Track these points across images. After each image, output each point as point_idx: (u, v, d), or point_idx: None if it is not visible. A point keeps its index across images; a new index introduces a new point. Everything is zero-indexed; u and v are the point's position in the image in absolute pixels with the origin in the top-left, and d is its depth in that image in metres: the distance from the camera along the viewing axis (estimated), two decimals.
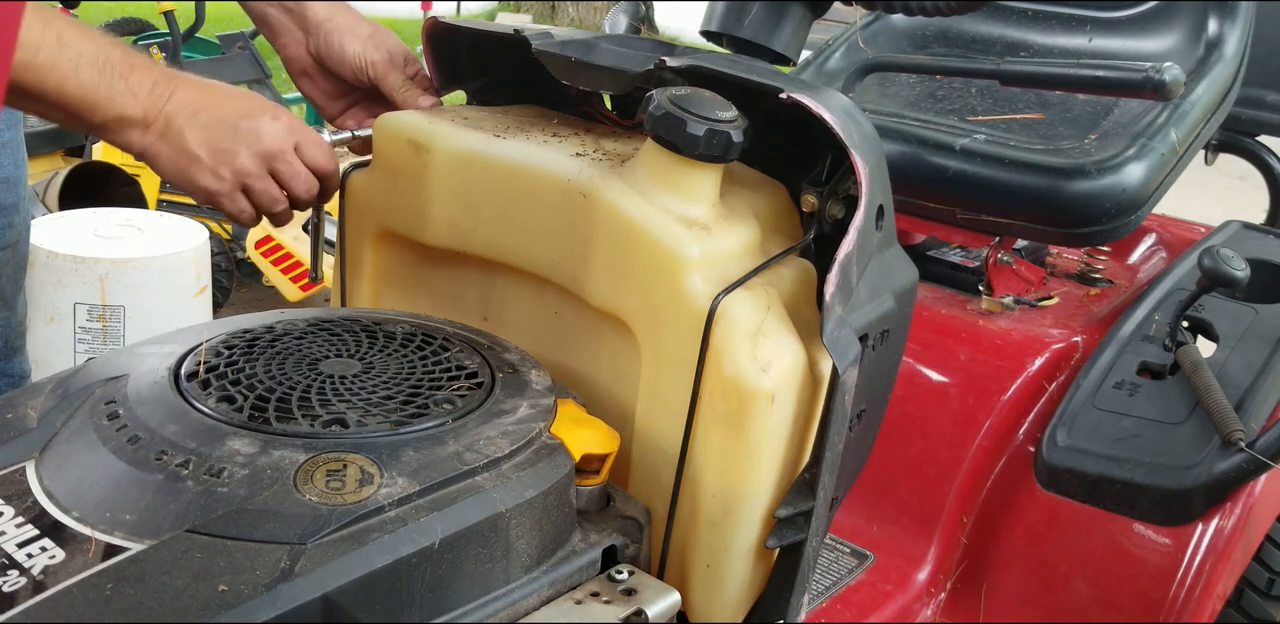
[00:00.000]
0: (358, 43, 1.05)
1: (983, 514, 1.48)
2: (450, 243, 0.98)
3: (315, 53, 1.06)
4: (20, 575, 0.65)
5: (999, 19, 1.85)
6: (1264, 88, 1.98)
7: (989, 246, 1.61)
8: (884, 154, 0.88)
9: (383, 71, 1.05)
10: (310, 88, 1.09)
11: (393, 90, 1.05)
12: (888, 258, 0.92)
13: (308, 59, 1.07)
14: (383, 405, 0.78)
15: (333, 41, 1.05)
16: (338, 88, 1.09)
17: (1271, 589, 1.57)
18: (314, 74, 1.08)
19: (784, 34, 1.00)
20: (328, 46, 1.05)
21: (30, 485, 0.72)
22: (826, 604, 1.39)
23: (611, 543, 0.81)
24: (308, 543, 0.66)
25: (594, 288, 0.89)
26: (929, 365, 1.54)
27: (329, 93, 1.09)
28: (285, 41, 1.07)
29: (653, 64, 0.88)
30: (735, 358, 0.80)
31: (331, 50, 1.05)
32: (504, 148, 0.93)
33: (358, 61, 1.05)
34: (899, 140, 1.53)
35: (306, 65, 1.08)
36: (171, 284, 2.44)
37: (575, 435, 0.81)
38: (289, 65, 1.08)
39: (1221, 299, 1.62)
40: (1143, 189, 1.46)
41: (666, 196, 0.84)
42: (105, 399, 0.77)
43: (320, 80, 1.09)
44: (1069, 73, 1.22)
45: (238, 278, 3.47)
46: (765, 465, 0.84)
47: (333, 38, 1.05)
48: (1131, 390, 1.45)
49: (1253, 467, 1.29)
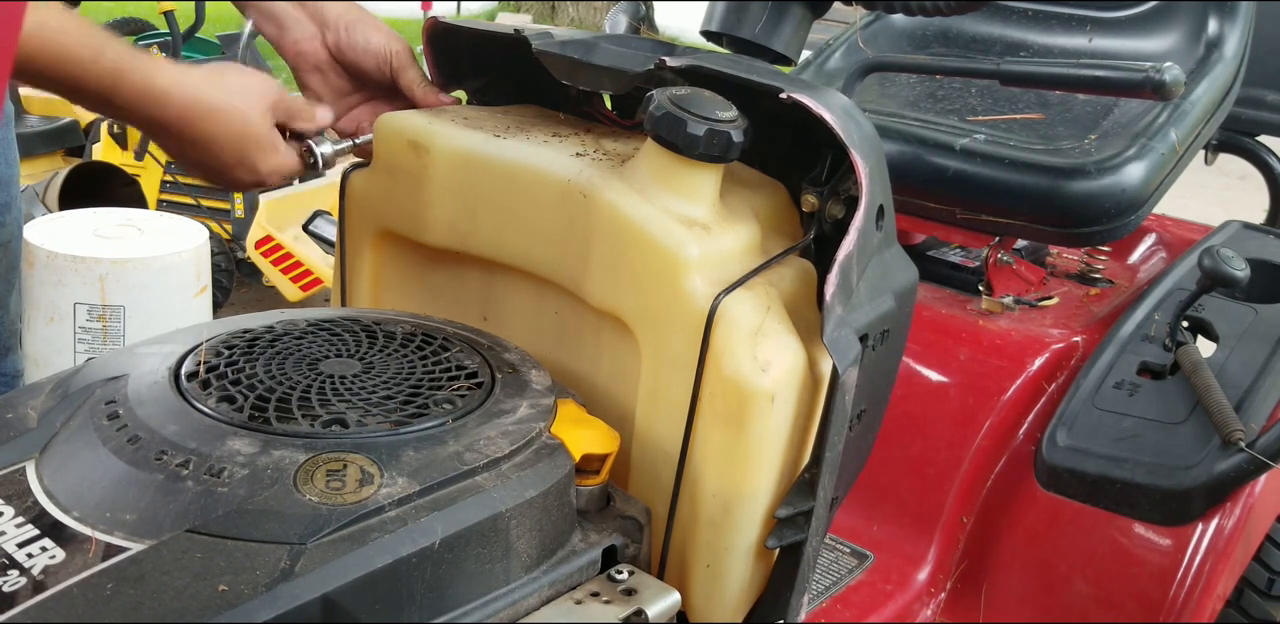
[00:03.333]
0: (380, 34, 1.06)
1: (983, 514, 1.48)
2: (450, 243, 0.98)
3: (335, 45, 1.06)
4: (20, 575, 0.65)
5: (999, 19, 1.85)
6: (1264, 88, 1.98)
7: (989, 246, 1.61)
8: (884, 154, 0.88)
9: (406, 62, 1.06)
10: (320, 84, 1.09)
11: (413, 83, 1.06)
12: (888, 258, 0.92)
13: (323, 53, 1.07)
14: (383, 405, 0.78)
15: (355, 31, 1.05)
16: (347, 85, 1.09)
17: (1271, 589, 1.57)
18: (327, 69, 1.08)
19: (784, 34, 1.00)
20: (350, 37, 1.05)
21: (30, 485, 0.72)
22: (826, 604, 1.39)
23: (611, 543, 0.81)
24: (308, 543, 0.66)
25: (594, 288, 0.89)
26: (929, 365, 1.54)
27: (338, 90, 1.09)
28: (297, 37, 1.06)
29: (653, 64, 0.88)
30: (735, 358, 0.80)
31: (355, 40, 1.05)
32: (504, 148, 0.93)
33: (383, 51, 1.05)
34: (899, 140, 1.53)
35: (320, 60, 1.07)
36: (171, 284, 2.44)
37: (575, 435, 0.81)
38: (299, 61, 1.08)
39: (1221, 299, 1.62)
40: (1143, 189, 1.46)
41: (666, 196, 0.84)
42: (105, 399, 0.77)
43: (332, 76, 1.08)
44: (1069, 73, 1.22)
45: (238, 278, 3.47)
46: (765, 465, 0.84)
47: (356, 28, 1.05)
48: (1131, 390, 1.45)
49: (1253, 467, 1.29)
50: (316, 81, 1.08)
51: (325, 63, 1.07)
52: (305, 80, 1.08)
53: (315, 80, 1.08)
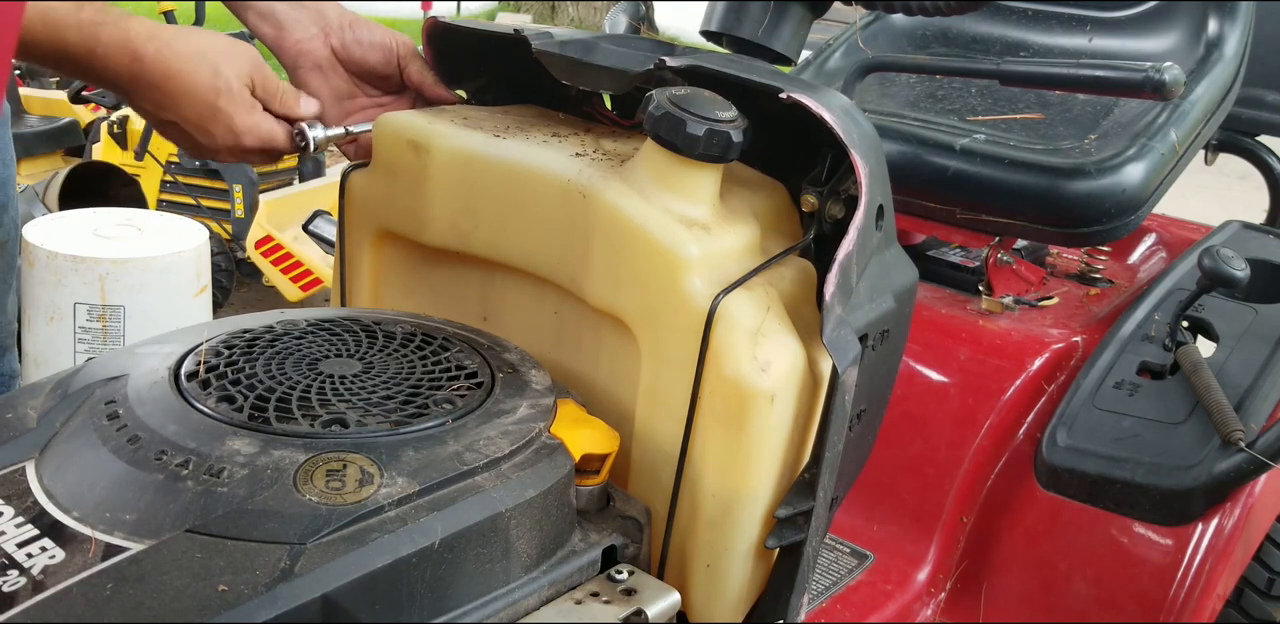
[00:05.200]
0: (383, 30, 1.07)
1: (983, 514, 1.48)
2: (450, 243, 0.98)
3: (340, 44, 1.06)
4: (20, 575, 0.65)
5: (999, 19, 1.85)
6: (1264, 88, 1.98)
7: (989, 246, 1.62)
8: (884, 154, 0.88)
9: (412, 54, 1.07)
10: (321, 85, 1.08)
11: (422, 74, 1.07)
12: (888, 258, 0.92)
13: (324, 52, 1.06)
14: (383, 405, 0.78)
15: (360, 29, 1.06)
16: (348, 87, 1.09)
17: (1271, 589, 1.58)
18: (328, 70, 1.07)
19: (784, 34, 1.00)
20: (355, 34, 1.06)
21: (30, 485, 0.72)
22: (826, 604, 1.39)
23: (611, 543, 0.81)
24: (308, 543, 0.66)
25: (594, 288, 0.89)
26: (929, 365, 1.54)
27: (339, 91, 1.09)
28: (298, 37, 1.06)
29: (653, 64, 0.88)
30: (735, 358, 0.80)
31: (360, 36, 1.06)
32: (504, 148, 0.93)
33: (390, 44, 1.06)
34: (899, 140, 1.53)
35: (322, 59, 1.07)
36: (171, 284, 2.44)
37: (575, 435, 0.81)
38: (300, 60, 1.07)
39: (1221, 299, 1.62)
40: (1143, 189, 1.47)
41: (666, 196, 0.84)
42: (105, 399, 0.77)
43: (333, 77, 1.08)
44: (1069, 73, 1.22)
45: (238, 278, 3.48)
46: (765, 465, 0.84)
47: (359, 26, 1.06)
48: (1131, 390, 1.45)
49: (1253, 467, 1.29)
50: (317, 82, 1.08)
51: (326, 62, 1.07)
52: (305, 81, 1.08)
53: (316, 81, 1.08)
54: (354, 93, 1.09)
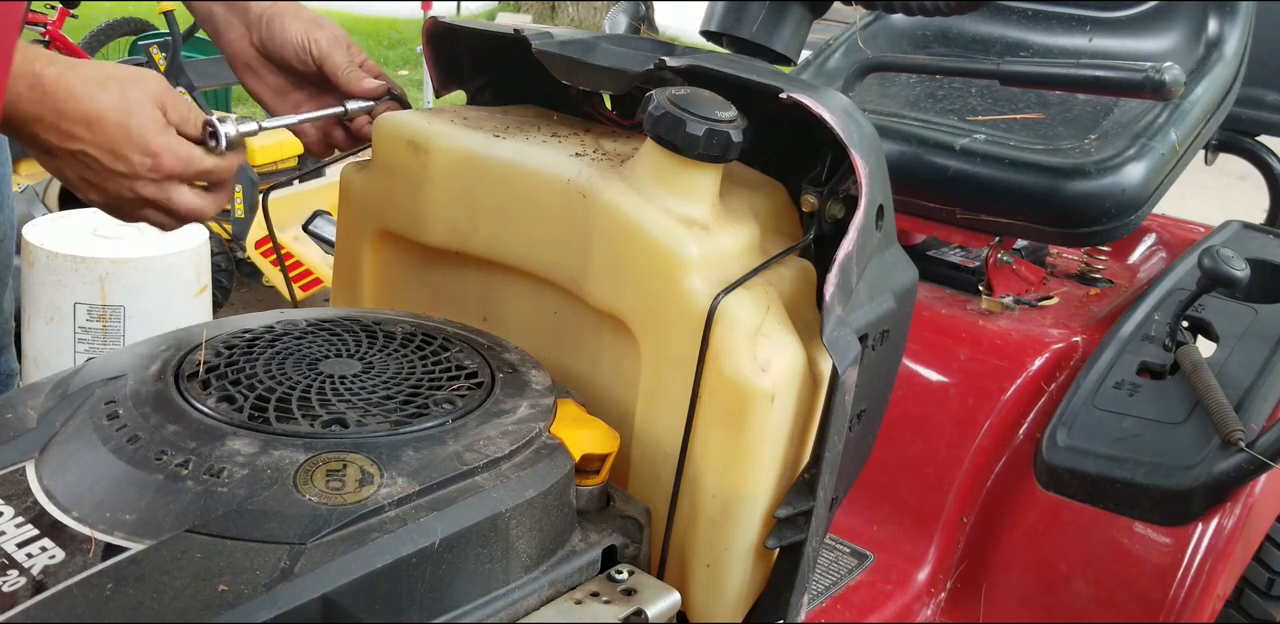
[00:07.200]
0: (299, 24, 1.03)
1: (983, 514, 1.48)
2: (450, 243, 0.98)
3: (259, 42, 1.04)
4: (20, 575, 0.65)
5: (999, 19, 1.85)
6: (1264, 88, 1.98)
7: (989, 246, 1.62)
8: (884, 154, 0.88)
9: (326, 49, 1.03)
10: (256, 84, 1.07)
11: (337, 69, 1.03)
12: (888, 258, 0.92)
13: (251, 52, 1.05)
14: (383, 405, 0.78)
15: (274, 24, 1.03)
16: (284, 82, 1.07)
17: (1271, 589, 1.57)
18: (258, 67, 1.06)
19: (784, 34, 1.00)
20: (269, 31, 1.03)
21: (30, 485, 0.72)
22: (826, 604, 1.39)
23: (611, 543, 0.81)
24: (307, 543, 0.66)
25: (593, 288, 0.89)
26: (929, 365, 1.54)
27: (275, 88, 1.07)
28: (231, 37, 1.05)
29: (653, 64, 0.88)
30: (735, 358, 0.80)
31: (273, 33, 1.03)
32: (503, 148, 0.93)
33: (300, 40, 1.02)
34: (899, 140, 1.53)
35: (250, 58, 1.05)
36: (171, 284, 2.44)
37: (575, 435, 0.81)
38: (234, 62, 1.06)
39: (1221, 299, 1.62)
40: (1143, 189, 1.47)
41: (666, 196, 0.84)
42: (105, 399, 0.77)
43: (265, 74, 1.06)
44: (1069, 73, 1.22)
45: (238, 278, 3.48)
46: (765, 465, 0.84)
47: (274, 21, 1.03)
48: (1131, 390, 1.45)
49: (1253, 467, 1.29)
50: (253, 82, 1.06)
51: (256, 60, 1.05)
52: (244, 82, 1.06)
53: (252, 81, 1.06)
54: (293, 88, 1.08)
